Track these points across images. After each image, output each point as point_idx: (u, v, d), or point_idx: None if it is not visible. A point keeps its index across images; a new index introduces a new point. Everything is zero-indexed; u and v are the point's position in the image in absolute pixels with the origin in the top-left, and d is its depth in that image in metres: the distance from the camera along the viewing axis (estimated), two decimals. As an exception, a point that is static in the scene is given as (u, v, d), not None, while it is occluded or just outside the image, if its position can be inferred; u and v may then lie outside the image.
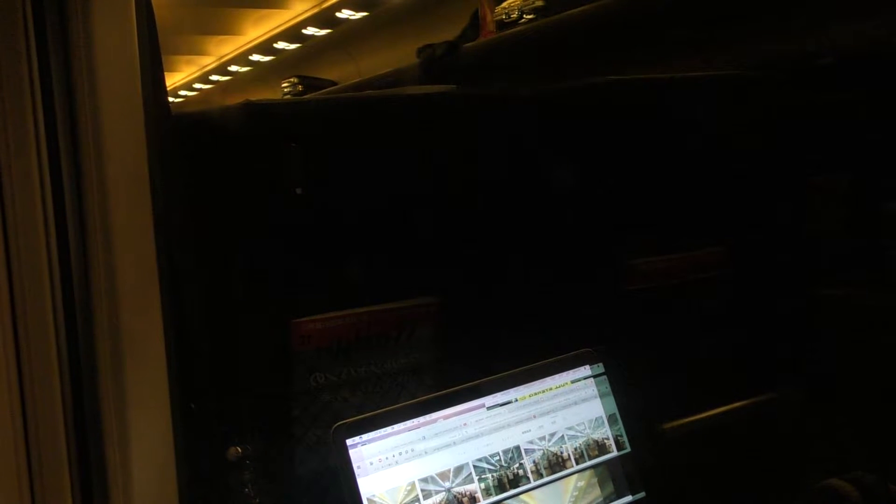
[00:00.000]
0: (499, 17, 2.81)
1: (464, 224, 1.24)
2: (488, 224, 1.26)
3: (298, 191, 1.10)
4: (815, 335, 1.52)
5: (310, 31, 6.56)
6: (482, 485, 1.02)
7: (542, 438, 1.08)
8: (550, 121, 1.34)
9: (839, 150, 1.54)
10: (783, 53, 1.75)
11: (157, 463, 0.86)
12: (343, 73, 6.27)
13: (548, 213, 1.32)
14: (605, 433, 1.12)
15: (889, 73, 1.54)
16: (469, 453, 1.03)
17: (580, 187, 1.32)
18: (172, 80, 8.85)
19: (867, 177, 1.56)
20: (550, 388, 1.11)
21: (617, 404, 1.14)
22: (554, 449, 1.08)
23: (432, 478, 1.00)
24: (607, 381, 1.14)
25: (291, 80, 5.92)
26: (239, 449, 1.03)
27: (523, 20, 2.68)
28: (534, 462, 1.06)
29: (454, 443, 1.03)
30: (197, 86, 9.17)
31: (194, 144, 1.06)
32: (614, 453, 1.11)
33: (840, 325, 1.53)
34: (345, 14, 6.01)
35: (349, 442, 0.97)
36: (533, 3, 2.66)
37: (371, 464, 0.97)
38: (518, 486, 1.04)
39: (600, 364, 1.15)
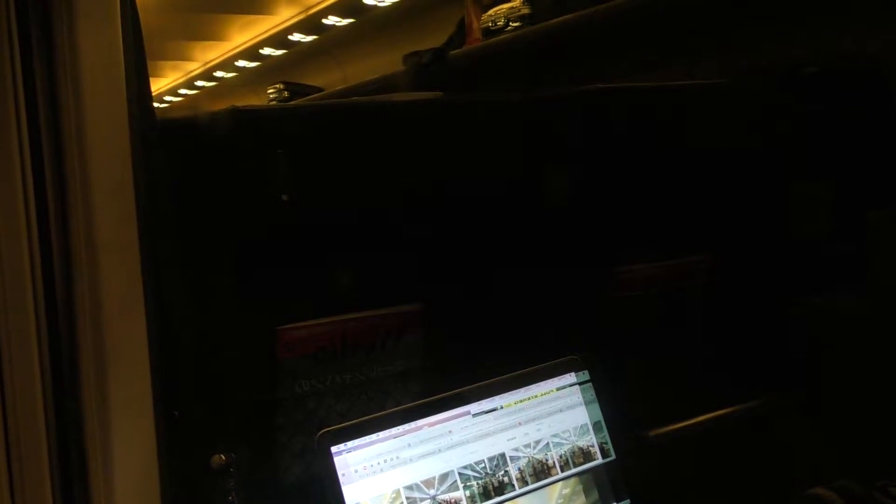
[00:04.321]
0: (485, 25, 2.82)
1: (450, 230, 1.24)
2: (474, 230, 1.26)
3: (284, 197, 1.10)
4: (800, 342, 1.53)
5: (296, 37, 6.54)
6: (467, 492, 1.02)
7: (528, 446, 1.08)
8: (536, 128, 1.34)
9: (823, 159, 1.55)
10: (768, 63, 1.76)
11: (141, 471, 0.86)
12: (329, 79, 6.26)
13: (534, 219, 1.32)
14: (590, 440, 1.12)
15: (872, 82, 1.56)
16: (454, 461, 1.03)
17: (566, 194, 1.32)
18: (158, 85, 8.81)
19: (850, 185, 1.57)
20: (536, 396, 1.11)
21: (602, 412, 1.14)
22: (539, 456, 1.08)
23: (417, 485, 1.00)
24: (592, 389, 1.15)
25: (277, 86, 5.91)
26: (223, 456, 1.02)
27: (509, 28, 2.69)
28: (519, 469, 1.06)
29: (439, 450, 1.02)
30: (182, 91, 9.14)
31: (180, 150, 1.05)
32: (599, 461, 1.12)
33: (825, 332, 1.53)
34: (331, 21, 6.00)
35: (334, 449, 0.96)
36: (519, 11, 2.67)
37: (356, 471, 0.97)
38: (503, 494, 1.04)
39: (585, 371, 1.15)
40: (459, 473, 1.02)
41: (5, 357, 0.81)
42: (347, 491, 0.96)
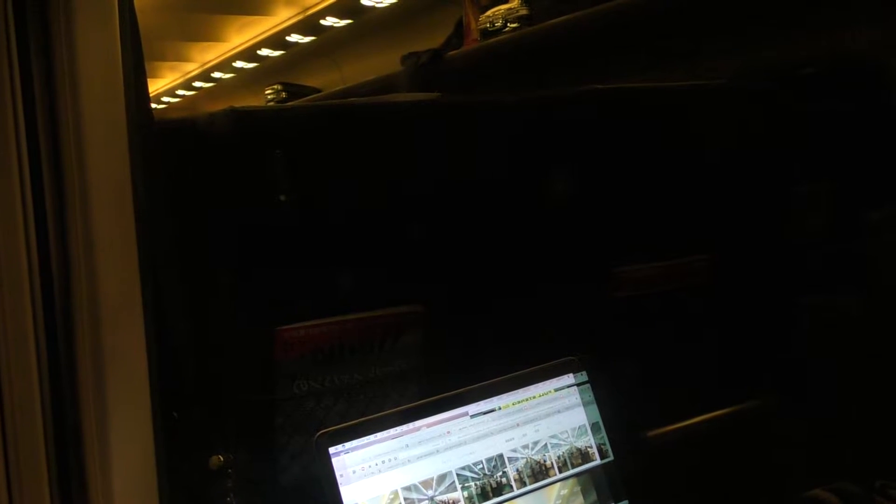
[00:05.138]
0: (483, 26, 2.82)
1: (448, 231, 1.24)
2: (473, 232, 1.26)
3: (282, 198, 1.10)
4: (800, 342, 1.53)
5: (294, 38, 6.55)
6: (465, 493, 1.02)
7: (526, 447, 1.08)
8: (534, 129, 1.34)
9: (823, 159, 1.55)
10: (768, 63, 1.76)
11: (139, 472, 0.85)
12: (327, 80, 6.26)
13: (533, 220, 1.32)
14: (588, 441, 1.12)
15: (871, 82, 1.56)
16: (452, 461, 1.03)
17: (565, 195, 1.32)
18: (155, 86, 8.81)
19: (850, 184, 1.57)
20: (534, 397, 1.11)
21: (600, 412, 1.14)
22: (537, 457, 1.08)
23: (415, 486, 1.00)
24: (591, 390, 1.14)
25: (275, 87, 5.90)
26: (221, 457, 1.02)
27: (507, 29, 2.69)
28: (517, 470, 1.06)
29: (438, 451, 1.02)
30: (180, 92, 9.14)
31: (177, 151, 1.05)
32: (597, 461, 1.11)
33: (825, 332, 1.53)
34: (329, 21, 6.01)
35: (332, 450, 0.96)
36: (517, 11, 2.67)
37: (354, 472, 0.97)
38: (501, 495, 1.04)
39: (584, 372, 1.15)
40: (458, 474, 1.02)
41: (3, 359, 0.81)
42: (345, 492, 0.96)
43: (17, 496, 0.83)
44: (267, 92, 5.95)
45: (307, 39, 6.54)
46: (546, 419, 1.10)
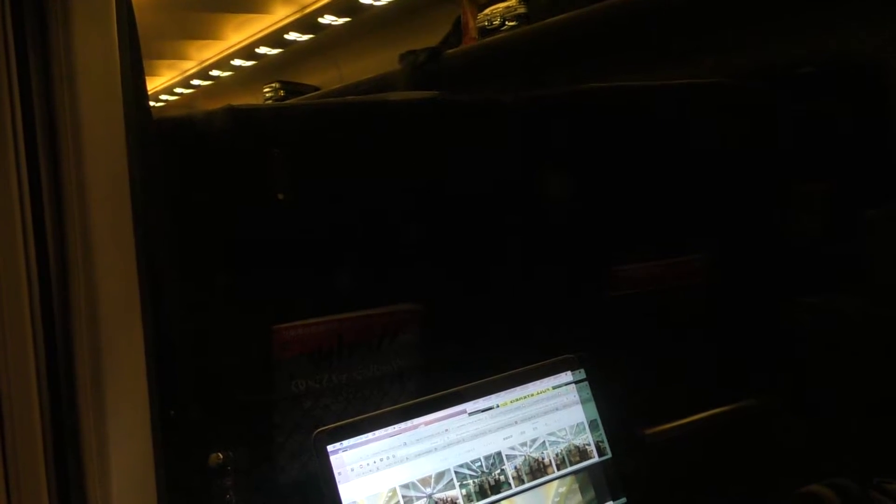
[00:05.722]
0: (481, 24, 2.82)
1: (446, 230, 1.24)
2: (471, 230, 1.26)
3: (280, 196, 1.10)
4: (797, 342, 1.53)
5: (292, 36, 6.53)
6: (463, 491, 1.02)
7: (524, 444, 1.08)
8: (532, 128, 1.34)
9: (821, 158, 1.55)
10: (766, 62, 1.76)
11: (137, 471, 0.85)
12: (325, 78, 6.25)
13: (531, 219, 1.32)
14: (586, 439, 1.12)
15: (869, 81, 1.56)
16: (450, 459, 1.03)
17: (563, 194, 1.32)
18: (154, 84, 8.79)
19: (848, 184, 1.57)
20: (532, 394, 1.11)
21: (598, 410, 1.14)
22: (535, 455, 1.08)
23: (413, 484, 1.00)
24: (588, 387, 1.15)
25: (273, 85, 5.91)
26: (221, 455, 1.02)
27: (505, 27, 2.69)
28: (515, 468, 1.06)
29: (436, 449, 1.02)
30: (178, 90, 9.12)
31: (176, 149, 1.05)
32: (595, 459, 1.12)
33: (822, 331, 1.53)
34: (327, 20, 5.99)
35: (330, 448, 0.96)
36: (515, 10, 2.67)
37: (352, 470, 0.97)
38: (499, 492, 1.04)
39: (581, 370, 1.15)
40: (456, 472, 1.02)
41: (2, 358, 0.81)
42: (344, 490, 0.96)
43: (16, 494, 0.83)
44: (265, 90, 5.95)
45: (305, 38, 6.52)
46: (544, 417, 1.10)
